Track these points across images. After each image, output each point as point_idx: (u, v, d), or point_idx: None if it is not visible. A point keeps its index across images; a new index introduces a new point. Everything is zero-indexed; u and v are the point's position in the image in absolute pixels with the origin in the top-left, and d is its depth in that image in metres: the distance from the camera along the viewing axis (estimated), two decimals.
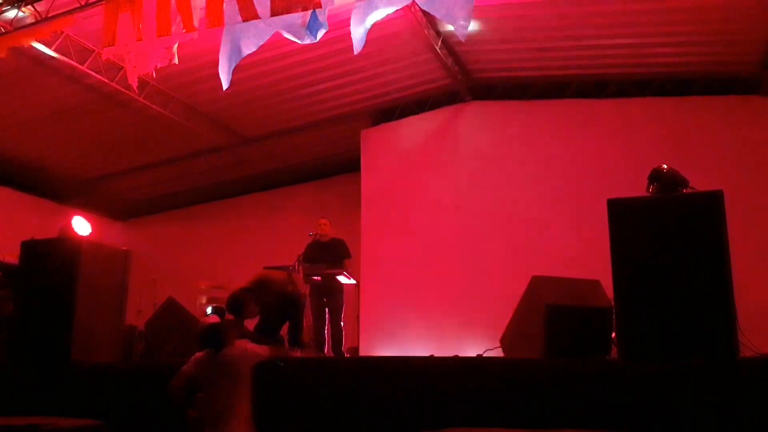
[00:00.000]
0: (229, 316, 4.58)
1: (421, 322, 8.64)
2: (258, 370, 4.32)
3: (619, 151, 8.47)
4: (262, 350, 4.58)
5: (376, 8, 4.85)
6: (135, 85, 6.15)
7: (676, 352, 3.57)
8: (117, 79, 7.84)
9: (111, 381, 4.86)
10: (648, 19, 7.47)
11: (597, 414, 3.43)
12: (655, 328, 3.68)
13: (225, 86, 5.45)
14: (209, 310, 9.64)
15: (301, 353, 5.19)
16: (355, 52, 4.99)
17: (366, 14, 4.88)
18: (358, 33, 4.90)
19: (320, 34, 5.05)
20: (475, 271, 8.59)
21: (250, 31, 5.23)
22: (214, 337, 4.35)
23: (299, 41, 5.18)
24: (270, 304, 5.29)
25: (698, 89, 8.55)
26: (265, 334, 5.17)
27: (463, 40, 5.27)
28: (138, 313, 9.77)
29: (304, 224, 8.20)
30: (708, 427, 3.23)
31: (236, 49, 5.29)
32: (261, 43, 5.25)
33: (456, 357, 4.69)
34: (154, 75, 6.09)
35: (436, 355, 4.85)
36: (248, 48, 5.26)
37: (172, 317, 5.82)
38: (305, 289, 6.88)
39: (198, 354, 4.36)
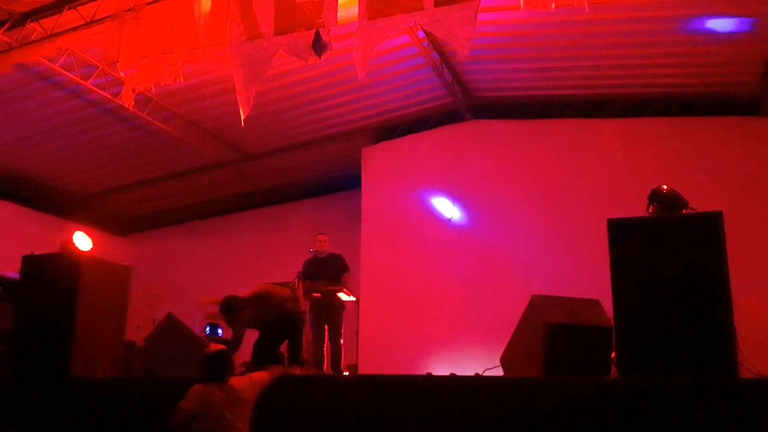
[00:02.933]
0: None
1: (420, 339, 8.62)
2: (263, 398, 4.25)
3: (619, 171, 8.49)
4: (264, 377, 4.49)
5: (380, 29, 4.90)
6: (131, 104, 6.19)
7: (676, 371, 3.57)
8: (120, 95, 7.89)
9: (109, 396, 4.85)
10: (648, 40, 7.53)
11: None
12: (654, 348, 3.69)
13: (244, 115, 5.44)
14: (208, 329, 9.65)
15: (300, 370, 5.18)
16: (360, 77, 5.03)
17: (370, 36, 4.92)
18: (362, 57, 4.95)
19: (324, 54, 5.10)
20: (474, 289, 8.58)
21: (256, 52, 5.27)
22: (220, 364, 4.20)
23: (303, 60, 5.23)
24: (269, 320, 5.29)
25: (698, 110, 8.58)
26: (263, 350, 5.17)
27: (465, 61, 5.32)
28: (137, 328, 9.72)
29: (305, 240, 8.19)
30: None
31: (248, 75, 5.32)
32: (269, 66, 5.29)
33: (453, 375, 4.67)
34: (154, 90, 6.13)
35: (434, 373, 4.84)
36: (261, 72, 5.29)
37: (172, 333, 5.81)
38: (305, 305, 6.86)
39: (196, 387, 4.17)
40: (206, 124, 9.34)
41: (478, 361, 6.74)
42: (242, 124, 5.53)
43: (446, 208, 9.13)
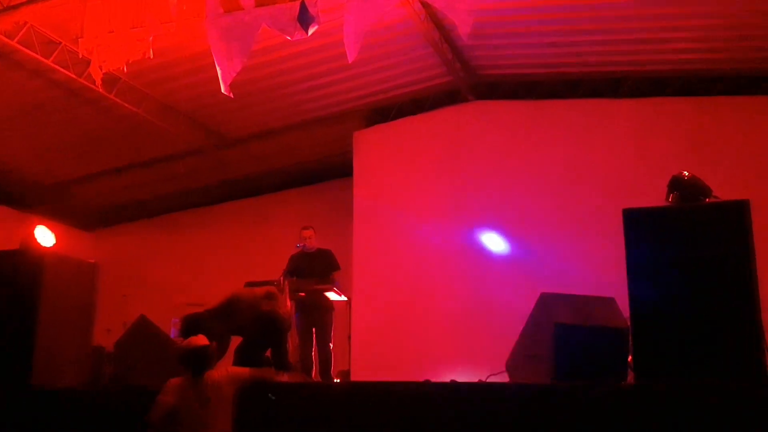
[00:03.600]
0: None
1: (418, 343, 8.63)
2: (241, 395, 4.32)
3: (636, 156, 8.50)
4: (244, 373, 4.58)
5: (373, 3, 4.87)
6: (99, 81, 6.15)
7: (698, 374, 3.58)
8: (85, 74, 7.83)
9: (76, 408, 4.83)
10: (667, 12, 7.51)
11: None
12: (675, 350, 3.70)
13: (224, 88, 5.42)
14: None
15: (288, 377, 5.18)
16: (350, 60, 5.01)
17: (362, 11, 4.89)
18: (353, 36, 4.92)
19: (312, 28, 5.07)
20: (478, 286, 8.59)
21: (237, 26, 5.24)
22: (200, 360, 4.35)
23: (288, 37, 5.20)
24: (245, 326, 5.29)
25: (723, 88, 8.59)
26: (245, 357, 5.17)
27: (465, 38, 5.29)
28: (106, 332, 9.69)
29: (291, 234, 8.18)
30: None
31: (230, 50, 5.30)
32: (252, 41, 5.26)
33: (455, 382, 4.68)
34: (125, 70, 6.09)
35: (433, 380, 4.85)
36: (243, 50, 5.26)
37: (145, 337, 5.80)
38: (291, 306, 6.85)
39: (174, 381, 4.35)
40: (181, 107, 9.29)
41: (482, 366, 6.74)
42: (227, 94, 5.49)
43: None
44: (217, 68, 5.37)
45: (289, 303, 6.86)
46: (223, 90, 5.42)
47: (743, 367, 3.53)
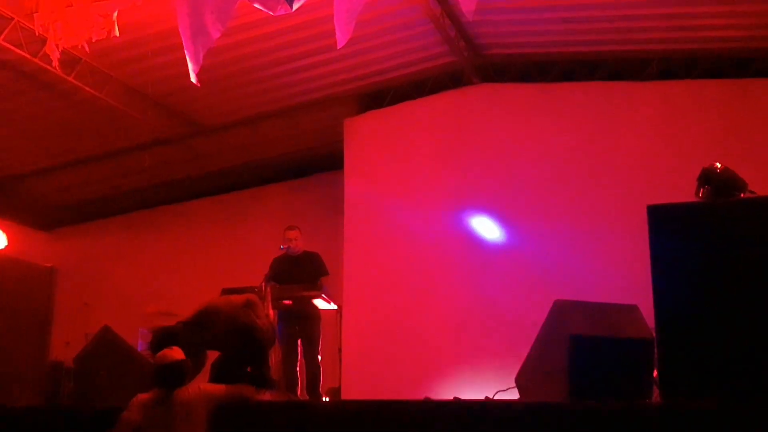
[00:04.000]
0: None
1: (417, 356, 8.63)
2: (215, 416, 4.32)
3: (662, 146, 8.51)
4: (218, 391, 4.58)
5: None
6: (56, 62, 6.12)
7: (734, 392, 3.58)
8: (41, 54, 7.80)
9: (32, 430, 4.82)
10: None
11: None
12: (706, 363, 3.69)
13: (193, 77, 5.40)
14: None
15: (270, 395, 5.18)
16: (339, 45, 4.99)
17: None
18: (345, 16, 4.90)
19: (297, 3, 5.05)
20: (484, 293, 8.60)
21: (210, 1, 5.21)
22: (176, 376, 4.37)
23: (271, 12, 5.18)
24: (223, 339, 5.29)
25: (758, 70, 8.61)
26: (222, 374, 5.16)
27: (470, 15, 5.27)
28: (66, 345, 9.67)
29: (273, 235, 8.18)
30: None
31: (201, 27, 5.27)
32: (229, 17, 5.24)
33: (458, 400, 4.68)
34: (86, 49, 6.07)
35: (434, 397, 4.85)
36: (215, 26, 5.23)
37: (109, 351, 5.80)
38: (272, 315, 6.85)
39: (141, 397, 4.36)
40: (149, 90, 9.26)
41: (488, 382, 6.74)
42: (195, 83, 5.46)
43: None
44: (186, 50, 5.34)
45: (271, 312, 6.86)
46: (192, 77, 5.39)
47: None
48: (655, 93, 8.79)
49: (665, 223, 4.01)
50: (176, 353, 4.51)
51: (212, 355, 5.41)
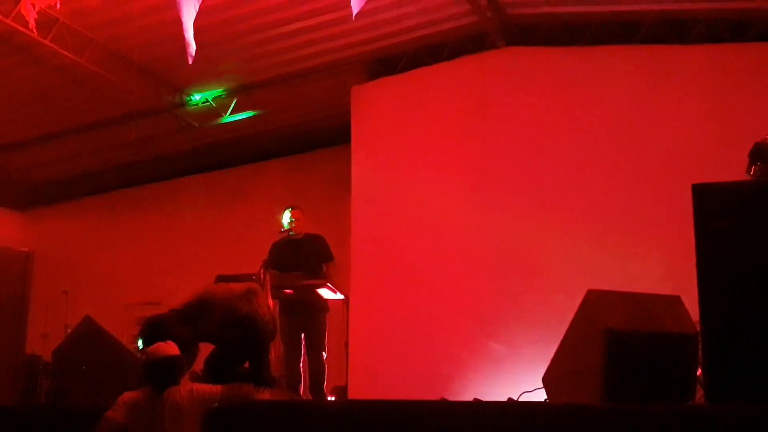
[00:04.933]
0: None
1: (431, 351, 8.66)
2: (209, 419, 4.34)
3: (709, 118, 8.46)
4: (213, 391, 4.60)
5: None
6: (32, 23, 6.12)
7: None
8: (14, 14, 7.81)
9: (4, 430, 4.86)
10: None
11: None
12: (756, 361, 3.69)
13: (189, 45, 5.37)
14: (141, 342, 9.66)
15: (270, 395, 5.21)
16: (354, 12, 4.96)
17: None
18: None
19: None
20: (507, 281, 8.59)
21: None
22: (169, 373, 4.39)
23: None
24: (219, 331, 5.31)
25: None
26: (218, 370, 5.19)
27: None
28: (43, 337, 9.77)
29: (273, 215, 8.20)
30: None
31: None
32: None
33: (478, 401, 4.69)
34: (60, 8, 6.06)
35: (451, 398, 4.86)
36: None
37: (90, 344, 5.84)
38: (272, 306, 6.88)
39: (128, 395, 4.39)
40: (134, 55, 9.27)
41: (512, 382, 6.76)
42: (190, 52, 5.46)
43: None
44: (181, 8, 5.34)
45: (271, 302, 6.88)
46: (188, 42, 5.39)
47: None
48: (701, 58, 8.71)
49: (712, 205, 3.99)
50: (170, 348, 4.53)
51: (205, 349, 5.45)
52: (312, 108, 10.89)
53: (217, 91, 10.45)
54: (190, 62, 5.29)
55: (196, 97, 10.45)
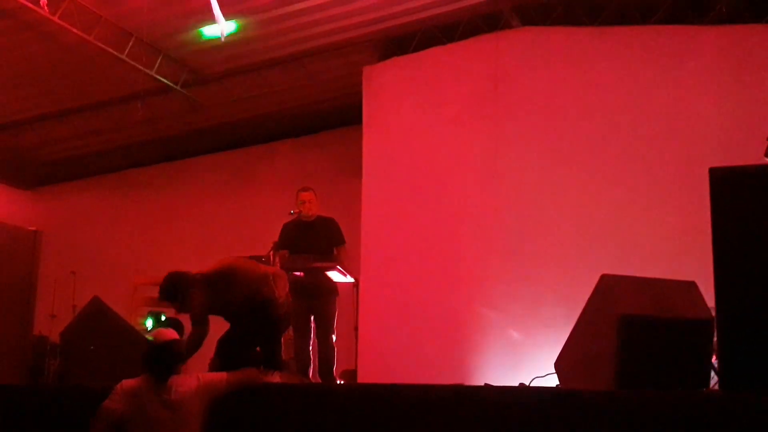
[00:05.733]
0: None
1: (442, 336, 8.67)
2: (217, 406, 4.33)
3: (728, 100, 8.40)
4: (219, 379, 4.58)
5: None
6: (42, 1, 6.11)
7: None
8: None
9: (10, 409, 4.90)
10: None
11: None
12: None
13: (223, 28, 5.32)
14: (150, 322, 9.73)
15: (279, 378, 5.22)
16: None
17: None
18: None
19: None
20: (519, 264, 8.58)
21: None
22: (169, 359, 4.36)
23: None
24: (237, 310, 5.31)
25: None
26: (229, 351, 5.20)
27: None
28: (51, 318, 9.84)
29: (283, 197, 8.21)
30: None
31: None
32: None
33: (489, 386, 4.69)
34: None
35: (462, 383, 4.87)
36: None
37: (98, 325, 5.86)
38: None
39: (126, 383, 4.35)
40: (143, 33, 9.27)
41: (524, 367, 6.77)
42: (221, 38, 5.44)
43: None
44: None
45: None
46: (218, 18, 5.37)
47: None
48: (720, 38, 8.65)
49: (730, 189, 3.97)
50: (169, 333, 4.51)
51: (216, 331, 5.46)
52: (323, 88, 10.87)
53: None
54: (222, 40, 5.24)
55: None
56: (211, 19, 7.16)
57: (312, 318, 7.25)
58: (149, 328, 9.59)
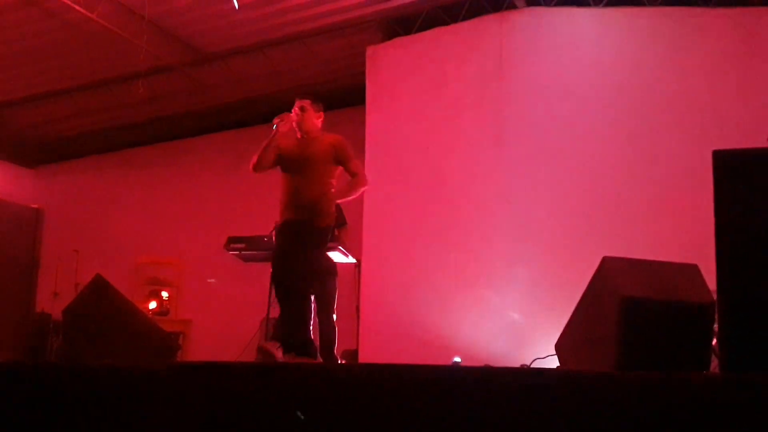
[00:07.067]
0: None
1: (443, 317, 8.69)
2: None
3: (733, 83, 8.38)
4: None
5: None
6: None
7: None
8: None
9: (13, 388, 4.91)
10: None
11: None
12: None
13: None
14: (153, 303, 9.70)
15: (284, 357, 5.24)
16: None
17: None
18: None
19: None
20: (522, 246, 8.59)
21: None
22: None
23: None
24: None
25: None
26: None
27: None
28: (53, 296, 9.86)
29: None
30: None
31: None
32: None
33: (489, 367, 4.70)
34: None
35: (462, 363, 4.88)
36: None
37: (101, 303, 5.87)
38: None
39: None
40: (146, 10, 9.24)
41: (524, 348, 6.80)
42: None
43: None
44: None
45: None
46: None
47: None
48: (727, 21, 8.62)
49: (733, 172, 3.95)
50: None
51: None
52: (325, 68, 10.85)
53: None
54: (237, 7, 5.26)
55: None
56: None
57: (312, 298, 7.28)
58: (153, 307, 9.63)
